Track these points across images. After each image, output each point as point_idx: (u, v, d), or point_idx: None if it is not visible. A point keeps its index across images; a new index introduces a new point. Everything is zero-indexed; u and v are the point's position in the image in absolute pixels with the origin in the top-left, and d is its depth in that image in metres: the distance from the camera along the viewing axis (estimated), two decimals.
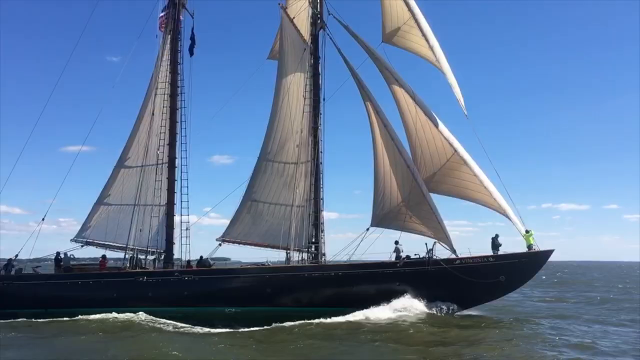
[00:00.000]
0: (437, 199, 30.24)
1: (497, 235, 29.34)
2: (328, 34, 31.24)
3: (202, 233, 28.96)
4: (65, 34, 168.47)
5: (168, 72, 31.50)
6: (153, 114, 31.27)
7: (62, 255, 29.95)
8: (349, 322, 25.50)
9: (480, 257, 28.04)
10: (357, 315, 26.42)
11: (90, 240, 31.61)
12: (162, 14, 30.92)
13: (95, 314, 26.56)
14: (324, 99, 31.52)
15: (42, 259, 31.34)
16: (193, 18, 31.74)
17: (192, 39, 31.52)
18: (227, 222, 32.06)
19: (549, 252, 29.12)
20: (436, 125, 29.78)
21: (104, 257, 30.74)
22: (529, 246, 28.78)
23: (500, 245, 29.07)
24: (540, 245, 28.79)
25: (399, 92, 30.15)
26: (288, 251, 30.21)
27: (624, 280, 71.15)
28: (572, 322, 27.20)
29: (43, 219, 31.37)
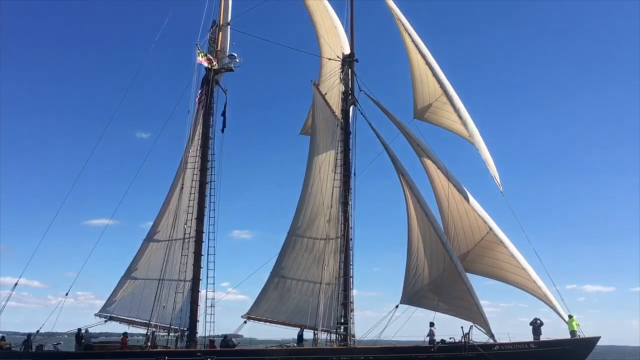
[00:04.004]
0: None
1: (536, 320, 27.62)
2: (359, 110, 31.36)
3: (219, 309, 28.34)
4: (94, 110, 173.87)
5: (199, 147, 31.62)
6: (182, 187, 31.17)
7: (83, 332, 29.10)
8: None
9: (521, 343, 26.37)
10: None
11: (114, 315, 31.03)
12: (200, 91, 31.44)
13: None
14: (354, 174, 31.13)
15: (57, 334, 30.40)
16: (226, 94, 32.16)
17: (224, 115, 31.78)
18: (244, 297, 31.29)
19: (595, 339, 27.26)
20: (469, 202, 29.06)
21: (125, 334, 29.79)
22: (572, 332, 27.18)
23: (541, 324, 27.30)
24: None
25: (432, 168, 29.70)
26: (315, 331, 28.93)
27: None
28: None
29: (67, 294, 30.94)
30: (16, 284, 31.08)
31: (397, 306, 29.28)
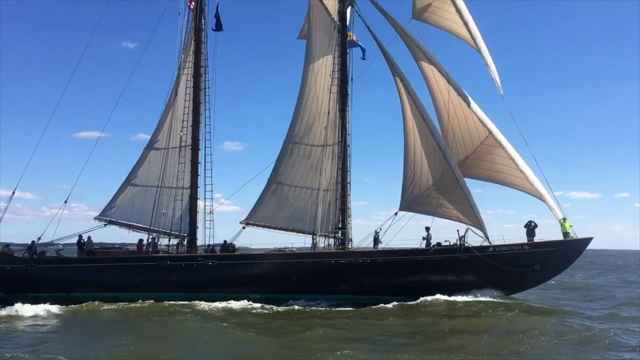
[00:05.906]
0: None
1: (530, 222, 27.89)
2: (357, 11, 30.12)
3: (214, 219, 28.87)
4: (78, 20, 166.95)
5: (192, 51, 30.59)
6: (176, 94, 30.49)
7: (84, 239, 29.44)
8: None
9: (514, 245, 26.89)
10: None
11: (114, 220, 30.94)
12: None
13: (119, 300, 26.04)
14: (351, 79, 30.45)
15: (52, 243, 30.53)
16: None
17: (217, 16, 30.42)
18: (237, 208, 31.46)
19: (587, 240, 27.84)
20: (469, 106, 28.53)
21: (140, 241, 30.01)
22: (565, 234, 27.59)
23: (535, 226, 27.65)
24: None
25: (430, 71, 28.88)
26: (314, 236, 29.36)
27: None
28: None
29: (66, 202, 30.88)
30: (13, 192, 30.93)
31: (396, 213, 29.39)
